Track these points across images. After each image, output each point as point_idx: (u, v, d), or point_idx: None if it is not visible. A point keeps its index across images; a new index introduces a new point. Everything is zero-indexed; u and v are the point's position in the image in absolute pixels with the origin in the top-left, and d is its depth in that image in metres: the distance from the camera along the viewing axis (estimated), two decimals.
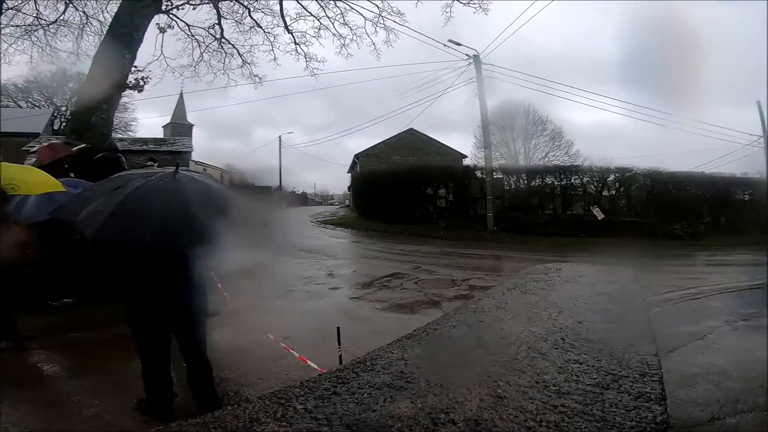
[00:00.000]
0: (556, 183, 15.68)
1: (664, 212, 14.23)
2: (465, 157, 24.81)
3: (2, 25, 8.51)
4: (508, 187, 16.79)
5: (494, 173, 16.29)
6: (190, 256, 2.31)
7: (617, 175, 15.56)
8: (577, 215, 15.16)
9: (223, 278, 6.92)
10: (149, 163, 8.23)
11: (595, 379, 1.16)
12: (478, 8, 11.49)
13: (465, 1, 11.43)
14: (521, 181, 16.67)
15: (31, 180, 4.20)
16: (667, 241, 12.60)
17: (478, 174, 16.45)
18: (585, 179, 15.70)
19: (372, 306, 5.83)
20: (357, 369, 1.45)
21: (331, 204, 33.42)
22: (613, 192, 15.75)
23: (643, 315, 1.84)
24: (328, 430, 1.00)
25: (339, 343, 3.09)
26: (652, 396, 1.08)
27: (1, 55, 9.92)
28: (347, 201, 29.06)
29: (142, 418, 2.71)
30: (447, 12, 11.89)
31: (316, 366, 3.18)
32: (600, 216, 14.14)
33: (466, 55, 15.64)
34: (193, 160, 19.53)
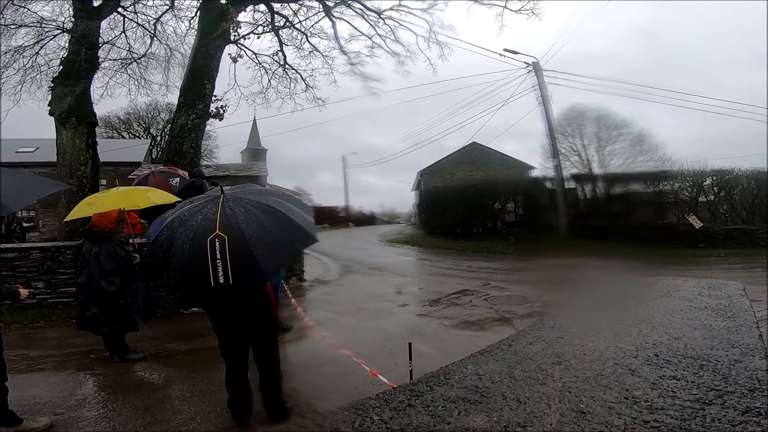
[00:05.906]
0: (641, 190, 14.33)
1: None
2: (533, 168, 23.66)
3: (101, 59, 9.53)
4: (583, 197, 15.67)
5: (566, 182, 15.35)
6: (253, 283, 2.62)
7: (714, 178, 13.84)
8: (670, 224, 13.66)
9: (297, 295, 7.27)
10: (213, 187, 9.20)
11: (695, 394, 1.02)
12: (531, 14, 11.06)
13: (516, 9, 11.09)
14: (599, 190, 15.47)
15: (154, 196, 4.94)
16: None
17: (548, 185, 15.64)
18: (676, 185, 14.16)
19: (440, 323, 5.73)
20: (430, 383, 1.45)
21: (398, 222, 33.64)
22: (712, 197, 13.98)
23: (754, 330, 1.59)
24: None
25: (410, 359, 3.08)
26: (762, 411, 0.94)
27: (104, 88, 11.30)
28: (413, 219, 29.10)
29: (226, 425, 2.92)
30: (499, 21, 11.63)
31: (386, 380, 3.20)
32: (697, 225, 12.56)
33: (525, 63, 15.18)
34: (268, 183, 21.17)
